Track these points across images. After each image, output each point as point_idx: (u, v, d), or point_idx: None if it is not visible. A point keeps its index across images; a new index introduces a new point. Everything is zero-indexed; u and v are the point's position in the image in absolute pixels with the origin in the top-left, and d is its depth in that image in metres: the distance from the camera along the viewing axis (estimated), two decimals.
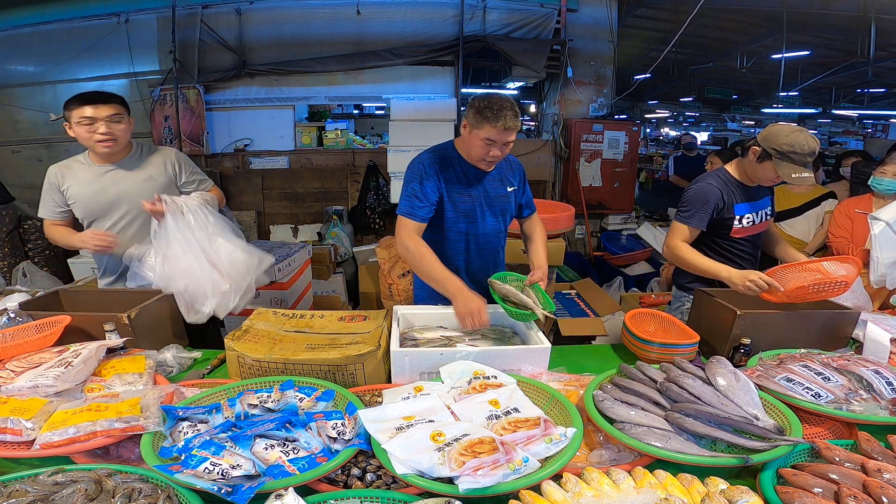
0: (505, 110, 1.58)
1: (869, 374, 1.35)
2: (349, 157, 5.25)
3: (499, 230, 1.91)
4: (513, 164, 1.93)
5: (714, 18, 7.52)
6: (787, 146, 1.77)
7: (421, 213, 1.72)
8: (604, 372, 1.41)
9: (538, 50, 4.87)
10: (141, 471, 0.99)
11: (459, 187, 1.78)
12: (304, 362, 1.38)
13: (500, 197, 1.85)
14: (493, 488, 0.92)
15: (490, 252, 1.91)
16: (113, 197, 1.90)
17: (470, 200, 1.79)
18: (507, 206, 1.88)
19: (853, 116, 15.60)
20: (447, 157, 1.78)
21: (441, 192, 1.76)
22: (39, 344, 1.44)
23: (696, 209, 1.96)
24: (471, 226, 1.83)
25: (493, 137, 1.62)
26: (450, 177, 1.77)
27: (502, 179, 1.86)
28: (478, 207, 1.81)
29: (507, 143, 1.65)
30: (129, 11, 4.78)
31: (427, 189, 1.72)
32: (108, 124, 1.80)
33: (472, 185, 1.79)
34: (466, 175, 1.78)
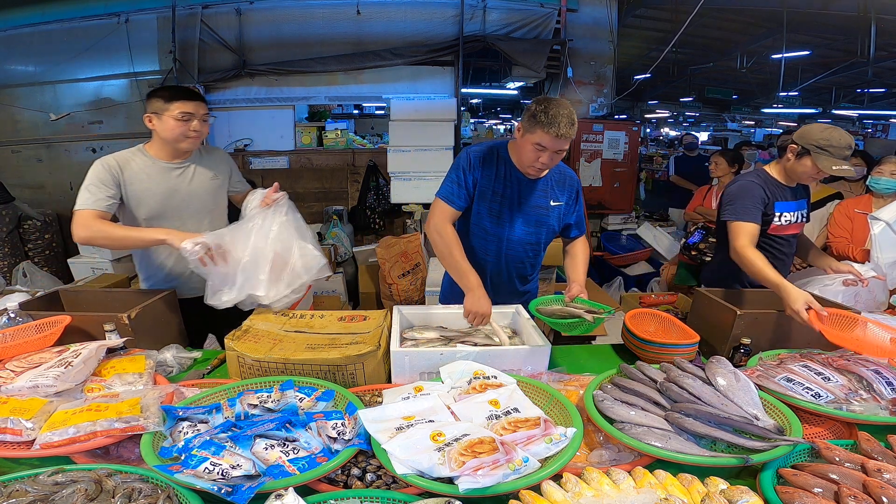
0: (561, 117, 1.51)
1: (869, 374, 1.35)
2: (349, 157, 5.25)
3: (529, 241, 1.83)
4: (567, 178, 1.83)
5: (714, 18, 7.53)
6: (824, 141, 1.82)
7: (457, 200, 1.73)
8: (604, 372, 1.41)
9: (538, 50, 4.87)
10: (141, 471, 0.99)
11: (495, 186, 1.74)
12: (304, 362, 1.38)
13: (537, 208, 1.78)
14: (493, 488, 0.92)
15: (514, 260, 1.85)
16: (184, 195, 1.87)
17: (502, 201, 1.75)
18: (545, 219, 1.80)
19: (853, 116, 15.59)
20: (495, 155, 1.74)
21: (477, 187, 1.74)
22: (39, 344, 1.44)
23: (749, 204, 1.93)
24: (496, 227, 1.79)
25: (544, 143, 1.55)
26: (489, 173, 1.73)
27: (547, 191, 1.78)
28: (508, 210, 1.76)
29: (559, 152, 1.58)
30: (129, 11, 4.78)
31: (468, 179, 1.73)
32: (202, 122, 1.81)
33: (509, 187, 1.74)
34: (507, 177, 1.73)
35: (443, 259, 1.73)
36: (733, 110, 16.03)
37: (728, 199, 2.00)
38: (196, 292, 1.88)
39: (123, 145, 1.93)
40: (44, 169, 5.16)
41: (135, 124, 5.09)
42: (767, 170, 2.05)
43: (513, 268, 1.87)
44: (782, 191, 2.00)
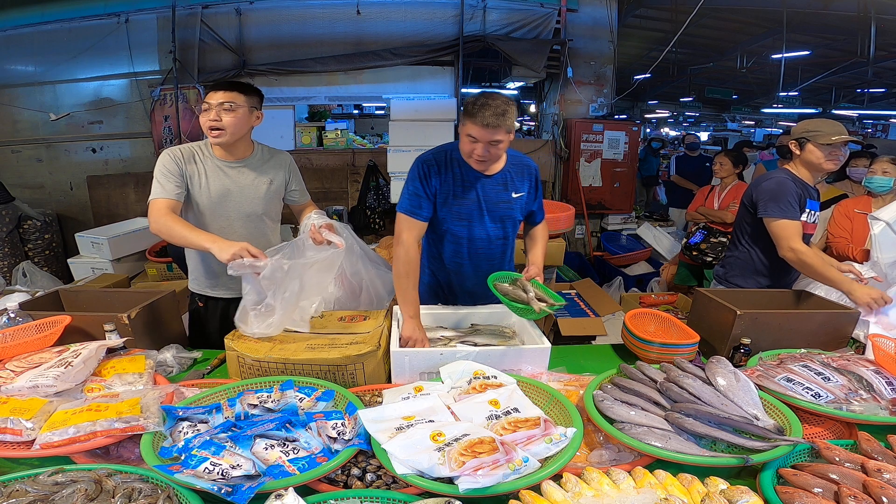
0: (488, 108, 1.52)
1: (869, 374, 1.35)
2: (349, 157, 5.25)
3: (497, 237, 1.83)
4: (524, 167, 1.82)
5: (714, 18, 7.53)
6: (813, 125, 1.94)
7: (420, 213, 1.71)
8: (604, 372, 1.41)
9: (538, 50, 4.87)
10: (141, 471, 0.99)
11: (457, 189, 1.73)
12: (304, 362, 1.38)
13: (501, 202, 1.77)
14: (493, 488, 0.92)
15: (485, 258, 1.84)
16: (236, 197, 1.83)
17: (466, 203, 1.74)
18: (509, 212, 1.80)
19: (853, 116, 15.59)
20: (448, 158, 1.73)
21: (437, 194, 1.73)
22: (39, 344, 1.44)
23: (792, 201, 1.93)
24: (465, 229, 1.78)
25: (474, 135, 1.56)
26: (447, 178, 1.72)
27: (506, 184, 1.77)
28: (475, 211, 1.76)
29: (494, 143, 1.57)
30: (129, 11, 4.79)
31: (425, 191, 1.72)
32: (222, 112, 1.70)
33: (470, 187, 1.73)
34: (465, 177, 1.72)
35: (397, 278, 1.68)
36: (733, 110, 16.03)
37: (768, 197, 1.98)
38: (234, 293, 1.84)
39: (123, 145, 1.93)
40: (44, 169, 5.17)
41: (135, 124, 5.09)
42: (791, 169, 2.05)
43: (486, 266, 1.84)
44: (807, 189, 2.02)
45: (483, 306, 1.80)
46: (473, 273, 1.86)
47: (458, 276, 1.88)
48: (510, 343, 1.61)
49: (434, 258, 1.90)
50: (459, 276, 1.87)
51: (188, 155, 1.79)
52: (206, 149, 1.83)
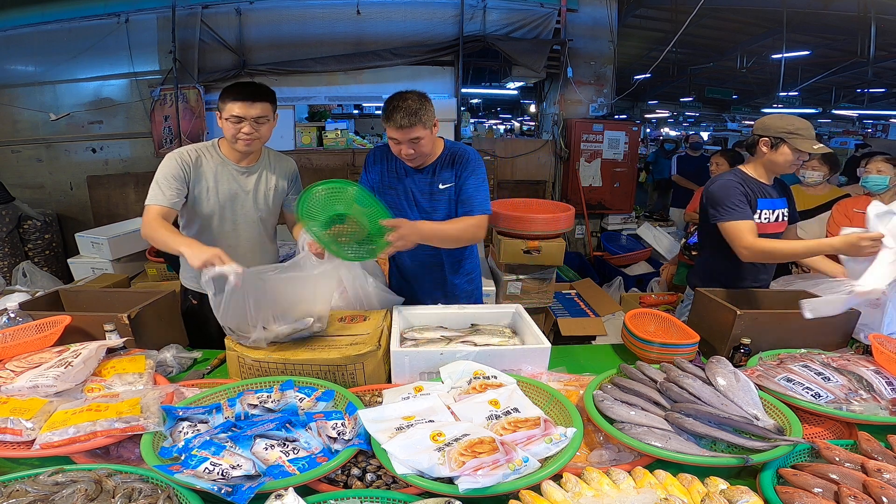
0: (399, 110, 1.58)
1: (869, 374, 1.35)
2: (349, 157, 5.25)
3: None
4: (457, 158, 1.79)
5: (714, 18, 7.53)
6: (792, 126, 1.86)
7: None
8: (604, 372, 1.41)
9: (538, 50, 4.87)
10: (141, 471, 0.99)
11: (390, 180, 1.84)
12: (304, 362, 1.38)
13: (428, 195, 1.81)
14: (493, 488, 0.92)
15: (426, 250, 1.80)
16: (243, 201, 1.85)
17: (395, 194, 1.83)
18: (436, 204, 1.81)
19: (853, 116, 15.59)
20: (387, 150, 1.81)
21: (372, 183, 1.85)
22: (39, 344, 1.44)
23: (738, 204, 1.90)
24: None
25: (394, 136, 1.64)
26: (384, 169, 1.84)
27: (434, 176, 1.80)
28: (404, 202, 1.83)
29: (414, 140, 1.63)
30: (129, 11, 4.78)
31: (368, 178, 1.87)
32: (255, 125, 1.74)
33: (400, 180, 1.83)
34: (398, 170, 1.83)
35: None
36: (733, 110, 16.02)
37: (713, 202, 1.95)
38: None
39: (123, 145, 1.93)
40: (44, 169, 5.16)
41: (135, 124, 5.09)
42: (744, 169, 2.03)
43: (427, 258, 1.89)
44: (760, 188, 1.99)
45: (483, 306, 1.81)
46: (412, 265, 1.96)
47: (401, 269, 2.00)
48: (510, 343, 1.61)
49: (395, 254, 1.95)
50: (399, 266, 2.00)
51: (195, 159, 1.79)
52: (215, 151, 1.83)
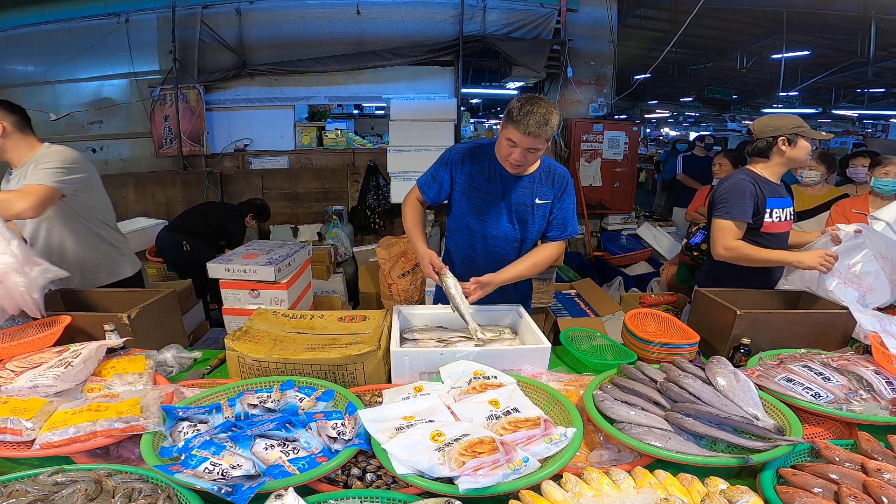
0: (531, 115, 1.51)
1: (869, 374, 1.35)
2: (349, 157, 5.25)
3: (513, 238, 1.82)
4: (556, 176, 1.79)
5: (714, 18, 7.53)
6: (796, 122, 1.95)
7: (429, 192, 1.84)
8: (604, 372, 1.41)
9: (538, 50, 4.87)
10: (141, 471, 0.99)
11: (480, 182, 1.76)
12: (304, 362, 1.38)
13: (521, 205, 1.77)
14: (493, 488, 0.92)
15: (498, 257, 1.83)
16: None
17: (485, 198, 1.76)
18: (527, 216, 1.79)
19: (853, 116, 15.60)
20: (480, 152, 1.77)
21: (456, 182, 1.79)
22: (39, 344, 1.44)
23: (737, 203, 1.94)
24: (480, 224, 1.80)
25: (514, 140, 1.57)
26: (474, 170, 1.76)
27: (532, 189, 1.76)
28: (492, 207, 1.77)
29: (532, 150, 1.58)
30: (129, 11, 4.79)
31: (443, 175, 1.81)
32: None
33: (495, 184, 1.75)
34: (492, 173, 1.75)
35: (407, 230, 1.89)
36: (733, 110, 16.03)
37: (720, 197, 2.00)
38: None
39: (123, 145, 1.95)
40: None
41: (135, 124, 5.09)
42: (754, 169, 2.04)
43: (495, 263, 1.82)
44: (771, 188, 2.01)
45: (483, 306, 1.80)
46: (485, 270, 1.82)
47: (471, 269, 1.83)
48: (510, 343, 1.61)
49: (453, 249, 1.94)
50: (472, 269, 1.83)
51: None
52: None
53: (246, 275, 2.53)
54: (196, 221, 3.58)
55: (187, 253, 3.42)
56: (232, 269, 2.55)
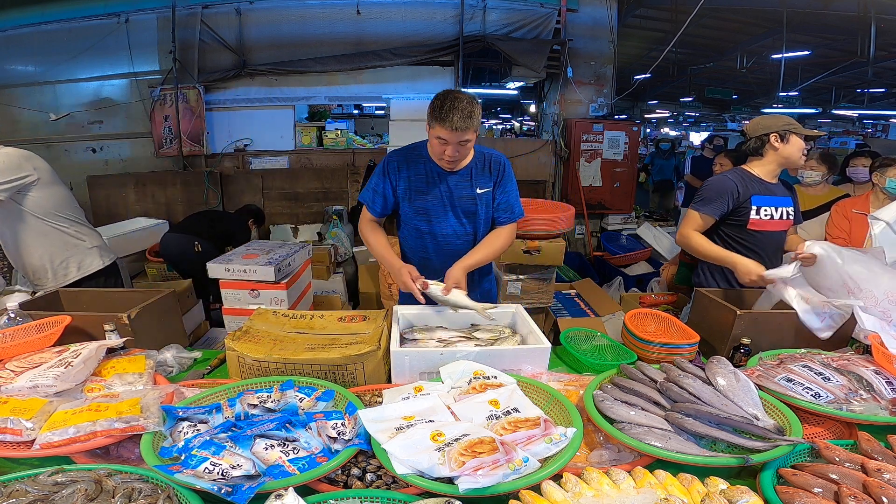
0: (455, 111, 1.55)
1: (869, 374, 1.35)
2: (349, 157, 5.25)
3: (463, 232, 1.85)
4: (493, 164, 1.81)
5: (714, 18, 7.53)
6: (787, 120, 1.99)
7: (375, 206, 1.84)
8: (604, 372, 1.41)
9: (538, 50, 4.88)
10: (141, 471, 0.99)
11: (420, 185, 1.79)
12: (304, 362, 1.38)
13: (465, 198, 1.80)
14: (493, 488, 0.92)
15: (452, 254, 1.83)
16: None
17: (428, 199, 1.80)
18: (473, 208, 1.82)
19: (853, 116, 15.58)
20: (414, 156, 1.80)
21: (398, 190, 1.82)
22: (39, 344, 1.44)
23: (709, 198, 2.03)
24: (428, 224, 1.84)
25: (444, 137, 1.61)
26: (412, 174, 1.79)
27: (472, 180, 1.79)
28: (437, 207, 1.81)
29: (462, 143, 1.62)
30: (129, 11, 4.79)
31: (381, 188, 1.82)
32: None
33: (434, 184, 1.78)
34: (429, 174, 1.78)
35: (373, 251, 1.86)
36: (733, 110, 16.01)
37: (700, 191, 2.10)
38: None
39: (123, 145, 1.95)
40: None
41: (135, 124, 5.09)
42: (747, 168, 2.08)
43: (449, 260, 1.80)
44: (762, 186, 2.03)
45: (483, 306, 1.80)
46: (442, 268, 1.83)
47: (426, 271, 1.82)
48: (510, 343, 1.61)
49: (408, 253, 1.96)
50: (429, 270, 1.82)
51: None
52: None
53: (246, 275, 2.53)
54: (204, 226, 3.58)
55: (198, 254, 3.42)
56: (232, 269, 2.55)
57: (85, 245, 2.20)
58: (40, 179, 2.03)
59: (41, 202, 2.05)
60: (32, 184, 2.00)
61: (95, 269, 2.21)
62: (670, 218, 5.97)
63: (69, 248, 2.14)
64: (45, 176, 2.06)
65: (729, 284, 2.04)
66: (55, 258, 2.11)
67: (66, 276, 2.14)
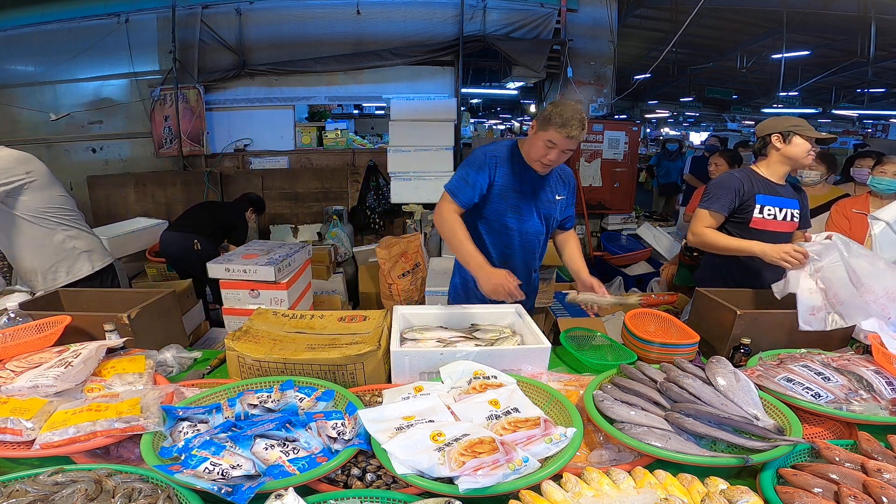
0: (574, 120, 1.65)
1: (869, 374, 1.35)
2: (349, 157, 5.26)
3: (540, 231, 1.97)
4: (565, 176, 1.99)
5: (714, 18, 7.53)
6: (794, 121, 2.00)
7: (463, 197, 1.80)
8: (604, 372, 1.41)
9: (538, 50, 4.88)
10: (141, 471, 0.99)
11: (514, 183, 1.85)
12: (304, 362, 1.38)
13: (546, 202, 1.92)
14: (493, 488, 0.92)
15: (530, 250, 1.97)
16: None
17: (521, 197, 1.86)
18: (551, 211, 1.95)
19: (853, 116, 15.59)
20: (510, 154, 1.85)
21: (493, 184, 1.83)
22: (39, 344, 1.44)
23: (716, 195, 2.05)
24: (518, 222, 1.89)
25: (555, 141, 1.68)
26: (507, 171, 1.84)
27: (553, 187, 1.93)
28: (525, 206, 1.88)
29: (566, 151, 1.72)
30: (129, 11, 4.79)
31: (478, 178, 1.81)
32: None
33: (525, 183, 1.86)
34: (522, 174, 1.85)
35: (449, 243, 1.81)
36: (733, 110, 16.02)
37: (707, 191, 2.12)
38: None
39: (123, 145, 1.95)
40: None
41: (135, 124, 5.10)
42: (754, 168, 2.10)
43: (528, 258, 1.99)
44: (767, 185, 2.04)
45: (483, 306, 1.80)
46: (521, 264, 1.96)
47: (507, 265, 1.87)
48: (510, 343, 1.61)
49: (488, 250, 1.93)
50: (509, 265, 1.87)
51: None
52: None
53: (246, 275, 2.53)
54: (202, 220, 3.57)
55: (197, 252, 3.42)
56: (232, 269, 2.55)
57: (76, 250, 2.17)
58: (35, 182, 2.02)
59: (32, 205, 2.03)
60: (23, 187, 1.98)
61: (85, 274, 2.19)
62: (671, 218, 5.96)
63: (58, 252, 2.12)
64: (40, 179, 2.04)
65: (729, 284, 2.03)
66: (45, 262, 2.10)
67: (55, 280, 2.12)
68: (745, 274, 2.07)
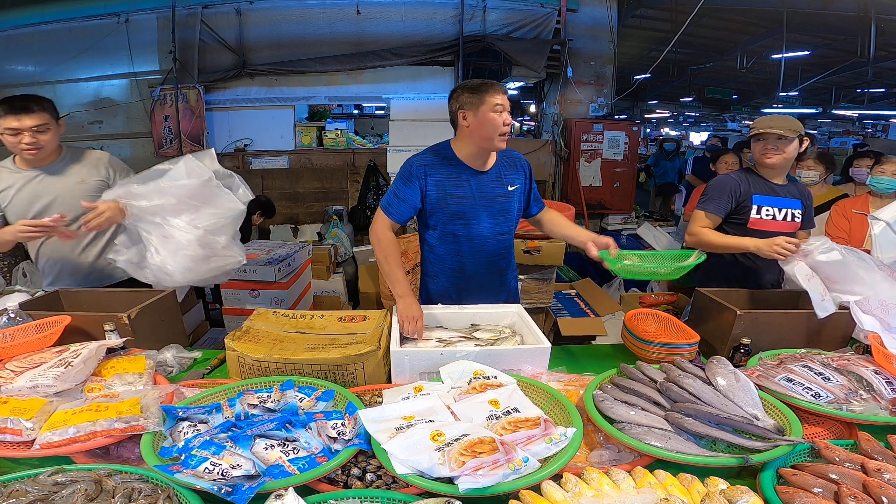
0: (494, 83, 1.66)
1: (869, 374, 1.35)
2: (349, 157, 5.25)
3: (498, 232, 1.83)
4: (515, 161, 1.85)
5: (714, 18, 7.53)
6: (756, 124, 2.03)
7: (395, 212, 1.73)
8: (604, 372, 1.41)
9: (538, 50, 4.88)
10: (141, 471, 0.99)
11: (452, 188, 1.73)
12: (304, 362, 1.38)
13: (498, 197, 1.78)
14: (493, 488, 0.92)
15: (489, 255, 1.84)
16: (46, 201, 1.90)
17: (462, 202, 1.74)
18: (507, 206, 1.81)
19: (853, 116, 15.59)
20: (441, 159, 1.74)
21: (426, 194, 1.74)
22: (39, 344, 1.44)
23: (712, 197, 2.06)
24: (465, 228, 1.78)
25: (500, 101, 1.63)
26: (440, 178, 1.73)
27: (501, 179, 1.79)
28: (470, 209, 1.76)
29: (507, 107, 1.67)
30: (129, 11, 4.79)
31: (407, 192, 1.73)
32: (35, 134, 1.79)
33: (465, 185, 1.74)
34: (459, 175, 1.74)
35: (379, 265, 1.77)
36: (733, 110, 16.01)
37: (705, 192, 2.13)
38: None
39: (123, 145, 1.95)
40: None
41: (135, 124, 5.10)
42: (755, 168, 2.10)
43: (490, 263, 1.85)
44: (765, 186, 2.04)
45: (483, 306, 1.80)
46: (483, 269, 1.85)
47: (461, 275, 1.85)
48: (510, 343, 1.61)
49: (439, 261, 1.88)
50: (461, 275, 1.85)
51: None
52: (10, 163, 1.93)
53: (246, 275, 2.54)
54: None
55: None
56: None
57: None
58: None
59: None
60: None
61: None
62: (670, 218, 5.96)
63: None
64: None
65: (729, 285, 2.03)
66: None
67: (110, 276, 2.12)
68: (745, 274, 2.07)
